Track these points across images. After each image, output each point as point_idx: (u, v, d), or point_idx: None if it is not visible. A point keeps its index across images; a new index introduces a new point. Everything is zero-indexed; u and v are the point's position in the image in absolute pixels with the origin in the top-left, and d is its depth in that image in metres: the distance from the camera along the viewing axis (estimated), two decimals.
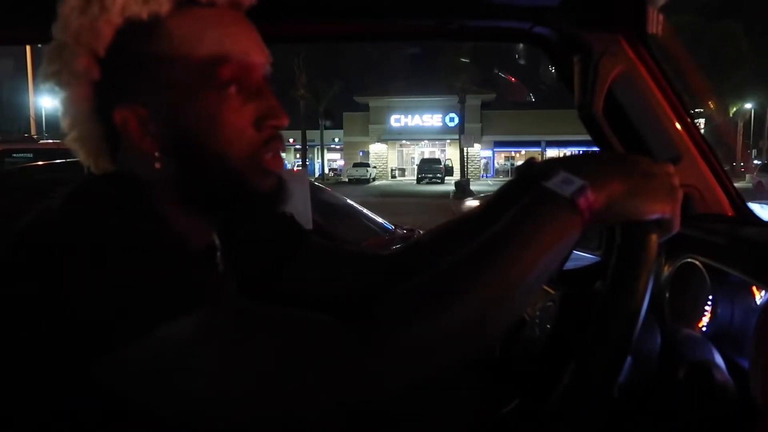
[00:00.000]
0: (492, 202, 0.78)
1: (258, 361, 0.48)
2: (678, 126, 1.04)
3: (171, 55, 0.55)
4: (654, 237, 0.55)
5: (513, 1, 1.01)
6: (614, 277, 0.55)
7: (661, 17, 0.98)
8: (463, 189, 21.80)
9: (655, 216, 0.56)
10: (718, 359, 0.68)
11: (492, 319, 0.52)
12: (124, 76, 0.56)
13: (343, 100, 34.94)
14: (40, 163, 4.53)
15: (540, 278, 0.54)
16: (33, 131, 18.70)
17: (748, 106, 28.53)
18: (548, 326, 0.80)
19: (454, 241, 0.79)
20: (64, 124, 0.60)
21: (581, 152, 0.73)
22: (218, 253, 0.70)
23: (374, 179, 34.10)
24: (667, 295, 0.91)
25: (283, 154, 0.64)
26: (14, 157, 7.67)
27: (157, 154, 0.57)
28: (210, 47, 0.56)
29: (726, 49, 23.26)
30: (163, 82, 0.56)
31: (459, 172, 27.66)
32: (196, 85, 0.56)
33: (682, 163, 1.03)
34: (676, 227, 0.58)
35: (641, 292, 0.53)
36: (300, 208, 1.63)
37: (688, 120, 1.05)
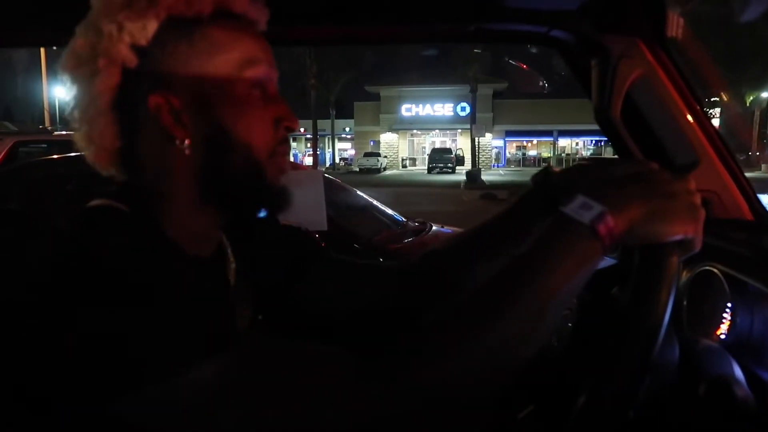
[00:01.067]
0: (508, 215, 0.78)
1: (279, 404, 0.49)
2: (697, 130, 1.02)
3: (208, 53, 0.60)
4: (675, 259, 0.54)
5: (531, 4, 1.00)
6: (634, 298, 0.54)
7: (681, 20, 0.97)
8: (474, 179, 21.73)
9: (677, 237, 0.55)
10: (738, 373, 0.68)
11: (515, 350, 0.52)
12: (162, 66, 0.59)
13: (354, 90, 34.87)
14: (55, 156, 4.57)
15: (562, 304, 0.54)
16: (47, 122, 18.86)
17: (765, 95, 28.07)
18: (565, 334, 0.80)
19: (471, 254, 0.79)
20: (76, 119, 0.61)
21: (597, 160, 0.71)
22: (232, 267, 0.71)
23: (385, 169, 34.05)
24: (685, 302, 0.91)
25: (294, 145, 0.68)
26: (29, 147, 7.74)
27: (187, 141, 0.60)
28: (244, 53, 0.61)
29: (744, 38, 22.83)
30: (198, 76, 0.60)
31: (470, 162, 27.53)
32: (230, 83, 0.61)
33: (700, 167, 1.02)
34: (698, 246, 0.57)
35: (661, 313, 0.52)
36: (314, 207, 1.64)
37: (708, 123, 1.03)
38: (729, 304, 0.83)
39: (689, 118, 1.02)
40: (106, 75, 0.58)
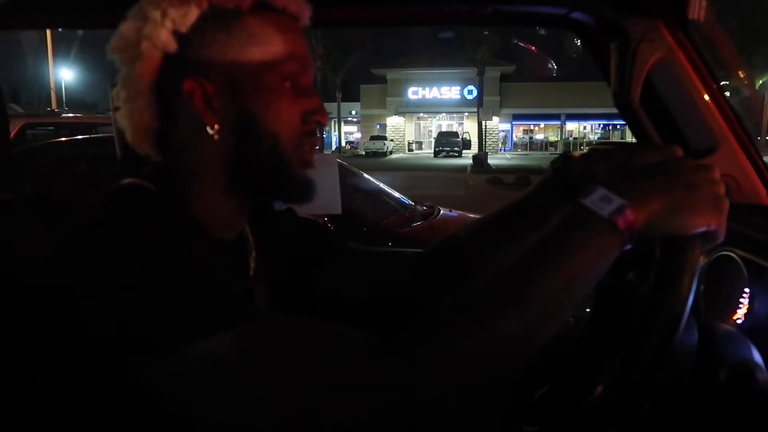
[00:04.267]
0: (527, 202, 0.77)
1: (294, 379, 0.50)
2: (716, 113, 1.02)
3: (246, 45, 0.62)
4: (698, 251, 0.53)
5: None
6: (656, 288, 0.54)
7: (704, 2, 0.96)
8: (480, 162, 21.63)
9: (700, 230, 0.54)
10: (758, 357, 0.68)
11: (530, 336, 0.52)
12: (200, 53, 0.62)
13: (361, 73, 34.68)
14: (64, 139, 4.58)
15: (579, 294, 0.53)
16: (54, 105, 18.87)
17: None
18: (583, 317, 0.80)
19: (489, 241, 0.79)
20: (119, 97, 0.65)
21: (617, 144, 0.70)
22: (253, 254, 0.72)
23: (391, 152, 33.94)
24: (702, 287, 0.91)
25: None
26: (36, 130, 7.77)
27: (216, 126, 0.62)
28: (279, 46, 0.63)
29: (757, 20, 22.48)
30: (233, 65, 0.62)
31: (477, 146, 27.41)
32: (262, 73, 0.62)
33: (719, 151, 1.01)
34: (722, 237, 0.56)
35: (683, 302, 0.52)
36: (329, 191, 1.64)
37: (727, 107, 1.02)
38: (747, 289, 0.83)
39: (709, 101, 1.01)
40: (148, 58, 0.61)
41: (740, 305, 0.85)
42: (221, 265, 0.56)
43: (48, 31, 19.51)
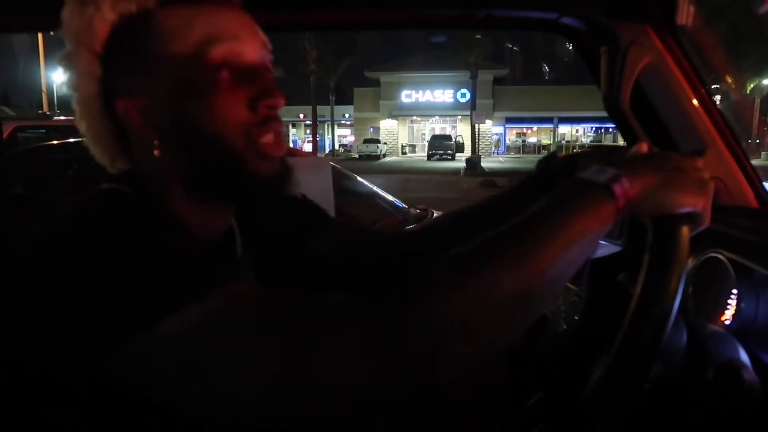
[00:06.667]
0: (511, 193, 0.78)
1: (281, 345, 0.47)
2: (704, 117, 1.03)
3: (163, 45, 0.57)
4: (686, 229, 0.56)
5: None
6: (648, 269, 0.55)
7: (691, 8, 0.97)
8: (474, 165, 21.69)
9: (686, 209, 0.56)
10: (745, 357, 0.69)
11: (530, 295, 0.50)
12: (122, 70, 0.59)
13: (354, 76, 34.66)
14: (55, 142, 4.55)
15: (573, 263, 0.53)
16: (45, 107, 18.76)
17: (766, 82, 27.93)
18: (575, 321, 0.81)
19: (473, 227, 0.79)
20: (81, 126, 0.63)
21: (604, 146, 0.73)
22: (237, 237, 0.70)
23: (385, 155, 33.94)
24: (691, 289, 0.92)
25: (293, 131, 0.63)
26: (27, 132, 7.72)
27: (156, 142, 0.59)
28: (199, 33, 0.57)
29: (747, 24, 22.67)
30: (157, 72, 0.57)
31: (470, 149, 27.49)
32: (189, 71, 0.57)
33: (707, 154, 1.02)
34: (707, 221, 0.58)
35: (674, 284, 0.54)
36: (322, 194, 1.64)
37: (715, 111, 1.04)
38: (735, 290, 0.84)
39: (697, 105, 1.02)
40: (85, 87, 0.59)
41: (728, 306, 0.86)
42: (204, 256, 0.53)
43: (39, 34, 19.41)
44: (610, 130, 34.21)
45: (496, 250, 0.51)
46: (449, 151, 31.28)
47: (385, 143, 35.80)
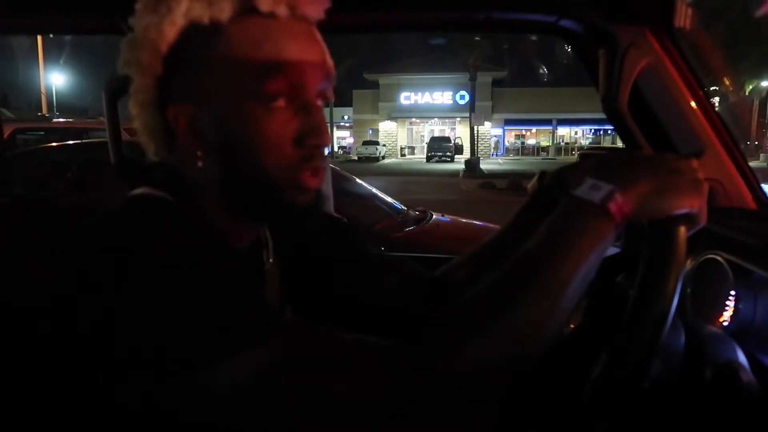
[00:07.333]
0: (514, 224, 0.80)
1: (323, 391, 0.50)
2: (702, 119, 1.03)
3: (227, 61, 0.56)
4: (683, 230, 0.56)
5: None
6: (646, 269, 0.56)
7: (689, 10, 0.98)
8: (473, 167, 21.69)
9: (683, 210, 0.57)
10: (742, 358, 0.69)
11: (538, 331, 0.53)
12: (183, 75, 0.58)
13: (353, 78, 34.65)
14: (54, 144, 4.56)
15: (581, 284, 0.55)
16: (44, 110, 18.76)
17: (765, 84, 27.98)
18: (575, 321, 0.81)
19: (484, 268, 0.80)
20: (132, 110, 0.63)
21: (600, 152, 0.74)
22: (268, 246, 0.71)
23: (384, 157, 33.96)
24: (689, 290, 0.92)
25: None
26: (27, 134, 7.72)
27: (199, 153, 0.59)
28: (265, 57, 0.56)
29: (745, 26, 22.71)
30: (216, 86, 0.57)
31: (469, 151, 27.47)
32: (246, 92, 0.56)
33: (705, 156, 1.03)
34: (704, 220, 0.59)
35: (672, 285, 0.54)
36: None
37: (713, 113, 1.04)
38: (732, 292, 0.84)
39: (695, 107, 1.03)
40: (142, 78, 0.59)
41: (726, 308, 0.86)
42: (239, 274, 0.54)
43: (39, 37, 19.41)
44: (609, 131, 34.25)
45: (510, 288, 0.54)
46: (448, 153, 31.28)
47: (384, 145, 35.80)
